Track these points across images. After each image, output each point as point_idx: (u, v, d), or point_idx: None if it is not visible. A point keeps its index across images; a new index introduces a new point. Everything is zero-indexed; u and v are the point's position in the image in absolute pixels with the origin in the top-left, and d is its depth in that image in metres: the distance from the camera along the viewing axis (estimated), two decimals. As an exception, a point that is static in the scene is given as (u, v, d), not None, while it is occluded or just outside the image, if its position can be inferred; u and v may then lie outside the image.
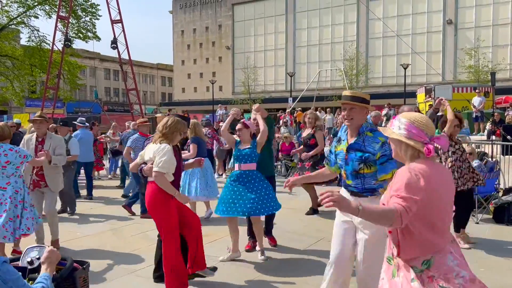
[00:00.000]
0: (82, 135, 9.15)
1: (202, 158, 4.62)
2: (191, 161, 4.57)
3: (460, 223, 5.53)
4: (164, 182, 3.79)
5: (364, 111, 3.18)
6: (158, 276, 4.26)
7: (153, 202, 3.86)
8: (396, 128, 2.18)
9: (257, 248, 5.15)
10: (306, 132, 7.59)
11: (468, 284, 2.03)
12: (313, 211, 7.47)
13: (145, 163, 4.00)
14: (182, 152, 4.83)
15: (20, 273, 2.01)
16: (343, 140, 3.29)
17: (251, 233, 5.39)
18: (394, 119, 2.26)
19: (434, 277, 2.04)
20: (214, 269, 4.32)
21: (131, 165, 4.47)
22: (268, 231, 5.61)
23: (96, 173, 12.97)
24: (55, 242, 5.52)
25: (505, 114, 17.89)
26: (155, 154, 3.80)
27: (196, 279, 4.31)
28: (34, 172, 5.53)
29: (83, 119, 10.11)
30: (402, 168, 2.13)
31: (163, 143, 3.85)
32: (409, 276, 2.10)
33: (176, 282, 3.90)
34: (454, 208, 2.23)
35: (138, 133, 7.53)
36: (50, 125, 8.08)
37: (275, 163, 11.29)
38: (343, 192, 3.29)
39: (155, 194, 3.84)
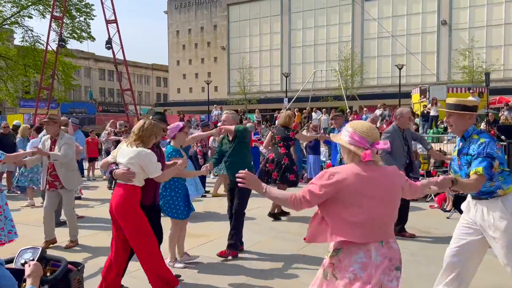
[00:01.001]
0: (75, 136, 9.13)
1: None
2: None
3: None
4: (166, 175, 3.93)
5: (466, 117, 3.24)
6: None
7: (121, 206, 3.74)
8: (343, 135, 2.48)
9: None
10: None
11: (356, 282, 2.26)
12: (273, 215, 7.17)
13: (116, 163, 3.92)
14: None
15: (16, 282, 1.98)
16: (456, 146, 3.44)
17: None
18: (344, 127, 2.57)
19: (333, 265, 2.38)
20: None
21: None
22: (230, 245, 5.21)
23: (91, 173, 12.94)
24: (73, 242, 5.67)
25: (499, 114, 18.00)
26: (132, 160, 3.72)
27: (192, 279, 4.30)
28: (48, 172, 5.61)
29: (76, 119, 10.10)
30: (328, 169, 2.46)
31: (139, 146, 3.76)
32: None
33: (161, 283, 3.78)
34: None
35: None
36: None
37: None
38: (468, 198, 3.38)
39: (125, 198, 3.74)
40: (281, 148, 7.07)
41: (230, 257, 5.06)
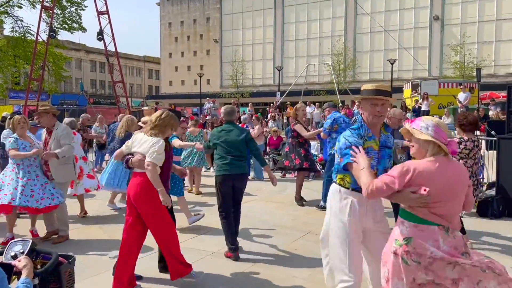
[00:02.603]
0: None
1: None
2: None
3: None
4: (155, 175, 3.74)
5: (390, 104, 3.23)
6: (163, 266, 4.30)
7: (140, 194, 3.79)
8: (424, 129, 2.51)
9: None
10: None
11: (436, 261, 2.39)
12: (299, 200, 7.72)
13: (131, 154, 3.95)
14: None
15: (6, 275, 1.96)
16: (370, 137, 3.04)
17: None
18: (415, 121, 2.59)
19: (409, 252, 2.43)
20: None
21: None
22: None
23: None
24: (62, 237, 5.54)
25: (489, 108, 18.18)
26: (148, 147, 3.77)
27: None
28: (43, 163, 5.56)
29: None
30: (406, 162, 2.52)
31: (154, 136, 3.83)
32: (390, 248, 2.55)
33: (180, 265, 3.96)
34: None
35: None
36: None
37: (265, 157, 11.29)
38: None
39: (143, 185, 3.79)
40: (290, 139, 7.87)
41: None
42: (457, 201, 2.50)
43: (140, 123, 5.89)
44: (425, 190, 2.39)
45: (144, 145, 3.82)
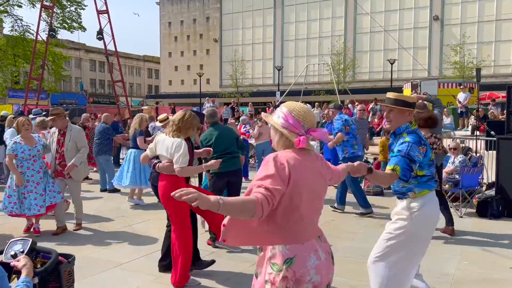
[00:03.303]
0: None
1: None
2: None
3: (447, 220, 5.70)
4: (188, 171, 3.99)
5: (406, 113, 3.14)
6: (165, 265, 4.34)
7: (167, 195, 3.91)
8: (276, 116, 2.14)
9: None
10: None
11: None
12: None
13: (157, 157, 4.09)
14: None
15: (6, 274, 1.95)
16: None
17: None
18: (279, 107, 2.21)
19: (287, 279, 1.99)
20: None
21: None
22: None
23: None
24: (79, 225, 6.01)
25: (489, 108, 18.17)
26: (172, 151, 3.88)
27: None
28: (57, 162, 5.77)
29: (39, 110, 9.99)
30: (268, 156, 2.06)
31: (176, 136, 3.92)
32: (263, 277, 2.09)
33: (183, 272, 3.99)
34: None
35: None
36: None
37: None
38: None
39: (169, 187, 3.91)
40: None
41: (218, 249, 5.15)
42: (319, 201, 2.17)
43: (157, 123, 6.12)
44: None
45: (168, 147, 3.93)
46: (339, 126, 6.91)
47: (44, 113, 10.66)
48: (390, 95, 3.21)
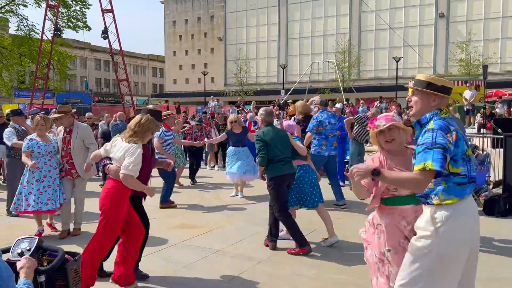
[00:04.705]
0: None
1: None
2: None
3: None
4: (132, 182, 3.72)
5: (431, 98, 2.53)
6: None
7: (108, 198, 3.77)
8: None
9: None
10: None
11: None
12: None
13: (109, 157, 3.94)
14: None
15: (14, 274, 1.95)
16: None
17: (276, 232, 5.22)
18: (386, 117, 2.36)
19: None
20: (145, 276, 4.20)
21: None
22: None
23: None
24: (79, 230, 5.88)
25: (495, 106, 18.06)
26: (122, 156, 3.72)
27: (189, 270, 4.30)
28: (65, 161, 5.76)
29: (37, 109, 10.02)
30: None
31: (133, 142, 3.74)
32: None
33: (88, 274, 3.73)
34: None
35: (163, 126, 7.50)
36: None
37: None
38: None
39: (113, 191, 3.76)
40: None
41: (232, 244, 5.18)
42: None
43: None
44: None
45: (121, 152, 3.75)
46: (311, 126, 7.14)
47: (42, 112, 10.68)
48: (419, 76, 2.65)
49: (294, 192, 5.27)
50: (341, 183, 7.99)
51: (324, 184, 8.01)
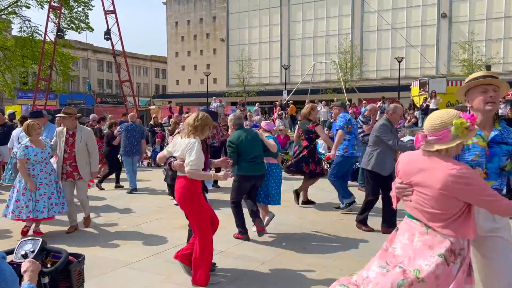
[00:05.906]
0: (47, 128, 7.84)
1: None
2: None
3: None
4: (198, 175, 3.92)
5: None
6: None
7: (184, 197, 3.97)
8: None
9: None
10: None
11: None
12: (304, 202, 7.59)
13: (173, 156, 4.10)
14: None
15: (18, 278, 1.93)
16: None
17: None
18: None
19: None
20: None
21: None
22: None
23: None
24: (88, 221, 6.14)
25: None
26: (185, 152, 3.90)
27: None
28: (68, 163, 5.79)
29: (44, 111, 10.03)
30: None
31: (192, 137, 3.93)
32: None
33: (207, 271, 4.03)
34: None
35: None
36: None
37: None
38: None
39: (186, 188, 3.95)
40: (303, 141, 7.28)
41: (236, 244, 5.26)
42: None
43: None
44: None
45: (182, 147, 3.95)
46: (341, 124, 7.02)
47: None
48: (486, 73, 2.66)
49: (261, 188, 5.73)
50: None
51: (328, 184, 8.00)
